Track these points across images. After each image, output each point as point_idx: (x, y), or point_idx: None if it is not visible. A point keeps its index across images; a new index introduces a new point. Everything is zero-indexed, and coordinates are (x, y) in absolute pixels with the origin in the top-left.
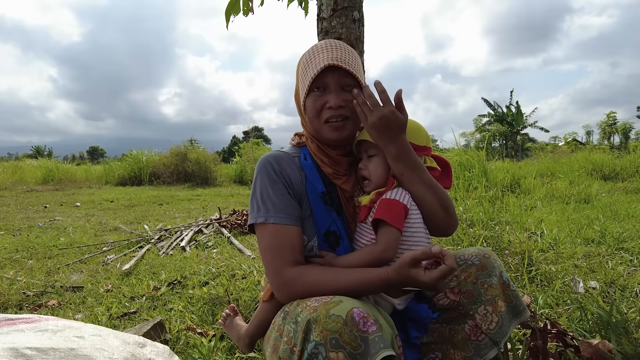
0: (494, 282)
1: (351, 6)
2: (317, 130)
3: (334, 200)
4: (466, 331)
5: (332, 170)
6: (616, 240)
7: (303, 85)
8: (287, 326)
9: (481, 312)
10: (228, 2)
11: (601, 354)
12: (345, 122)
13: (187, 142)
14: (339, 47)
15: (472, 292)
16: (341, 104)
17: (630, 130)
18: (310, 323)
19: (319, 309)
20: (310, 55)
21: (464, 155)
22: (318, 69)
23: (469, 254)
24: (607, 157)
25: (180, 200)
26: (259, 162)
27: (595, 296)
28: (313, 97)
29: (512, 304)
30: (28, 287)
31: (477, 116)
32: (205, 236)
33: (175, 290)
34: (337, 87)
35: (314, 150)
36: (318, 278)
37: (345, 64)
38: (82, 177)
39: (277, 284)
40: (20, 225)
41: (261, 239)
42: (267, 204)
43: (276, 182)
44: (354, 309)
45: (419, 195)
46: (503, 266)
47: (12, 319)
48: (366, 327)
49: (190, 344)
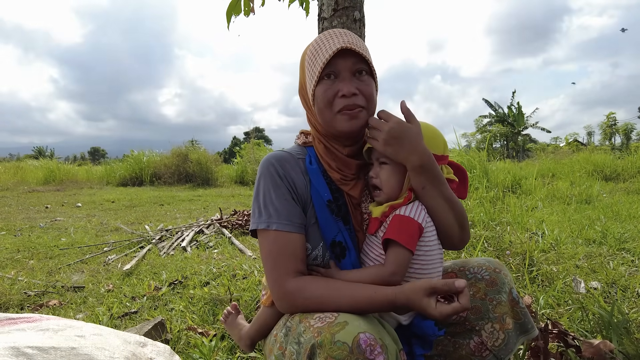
0: (503, 299)
1: (352, 6)
2: (329, 121)
3: (340, 209)
4: (471, 347)
5: (339, 176)
6: (617, 241)
7: (311, 74)
8: (289, 347)
9: (488, 330)
10: (229, 3)
11: (602, 354)
12: (360, 112)
13: (188, 143)
14: (348, 33)
15: (480, 308)
16: (355, 92)
17: (631, 131)
18: (315, 347)
19: (324, 332)
20: (318, 43)
21: (465, 156)
22: (330, 53)
23: (477, 266)
24: (609, 157)
25: (181, 200)
26: (262, 164)
27: (596, 296)
28: (324, 86)
29: (521, 321)
30: (29, 287)
31: (478, 117)
32: (206, 236)
33: (176, 290)
34: (349, 74)
35: (321, 153)
36: (321, 294)
37: (358, 48)
38: (84, 178)
39: (278, 294)
40: (21, 225)
41: (263, 246)
42: (270, 209)
43: (279, 186)
44: (360, 334)
45: (437, 210)
46: (513, 281)
47: (14, 319)
48: (373, 356)
49: (191, 343)
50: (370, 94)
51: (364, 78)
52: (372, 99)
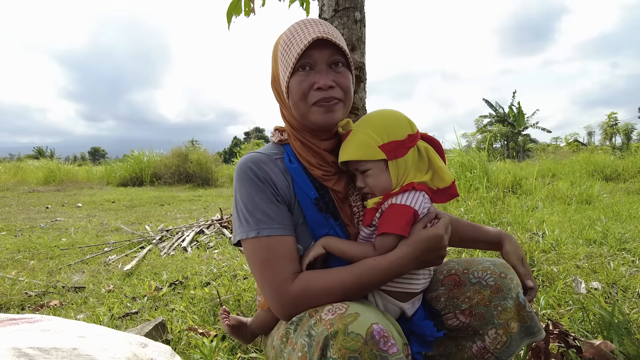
0: (509, 305)
1: (353, 7)
2: (304, 114)
3: (328, 205)
4: (473, 351)
5: (321, 172)
6: (618, 241)
7: (285, 66)
8: (300, 339)
9: (491, 335)
10: (229, 3)
11: (603, 354)
12: (336, 104)
13: (189, 143)
14: (323, 23)
15: (484, 314)
16: (331, 84)
17: (632, 131)
18: (328, 339)
19: (336, 324)
20: (292, 32)
21: (465, 156)
22: (305, 43)
23: (482, 269)
24: (609, 158)
25: (181, 201)
26: (238, 169)
27: (597, 297)
28: (298, 78)
29: (527, 324)
30: (30, 288)
31: (479, 117)
32: (207, 237)
33: (177, 290)
34: (325, 66)
35: (299, 150)
36: (324, 283)
37: (334, 38)
38: (84, 178)
39: (281, 302)
40: (22, 225)
41: (254, 255)
42: (257, 215)
43: (262, 189)
44: (374, 325)
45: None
46: (520, 285)
47: (15, 319)
48: (387, 347)
49: (192, 344)
50: (347, 87)
51: (341, 70)
52: (349, 91)
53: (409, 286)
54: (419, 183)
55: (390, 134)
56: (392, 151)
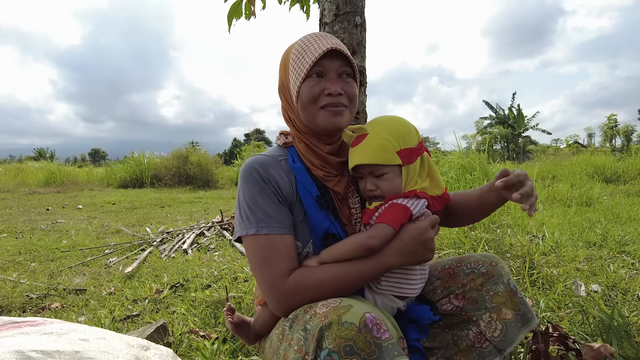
0: (501, 290)
1: (353, 11)
2: (312, 116)
3: (328, 204)
4: (470, 338)
5: (323, 173)
6: (618, 244)
7: (297, 72)
8: (296, 334)
9: (486, 320)
10: (230, 6)
11: (603, 357)
12: (343, 110)
13: (189, 145)
14: (333, 37)
15: (476, 298)
16: (340, 92)
17: (632, 133)
18: (323, 330)
19: (330, 315)
20: (305, 42)
21: (465, 158)
22: (320, 52)
23: (475, 261)
24: (609, 159)
25: (182, 202)
26: (244, 170)
27: (597, 299)
28: (310, 83)
29: (521, 312)
30: (31, 290)
31: (479, 118)
32: (207, 239)
33: (178, 293)
34: (335, 75)
35: (302, 151)
36: (318, 277)
37: (345, 51)
38: (84, 180)
39: (277, 297)
40: (22, 227)
41: (254, 251)
42: (257, 214)
43: (265, 189)
44: (366, 314)
45: None
46: (511, 274)
47: (17, 322)
48: (379, 334)
49: (193, 346)
50: (353, 95)
51: (348, 80)
52: (355, 100)
53: (406, 290)
54: (421, 190)
55: (405, 141)
56: (407, 157)
